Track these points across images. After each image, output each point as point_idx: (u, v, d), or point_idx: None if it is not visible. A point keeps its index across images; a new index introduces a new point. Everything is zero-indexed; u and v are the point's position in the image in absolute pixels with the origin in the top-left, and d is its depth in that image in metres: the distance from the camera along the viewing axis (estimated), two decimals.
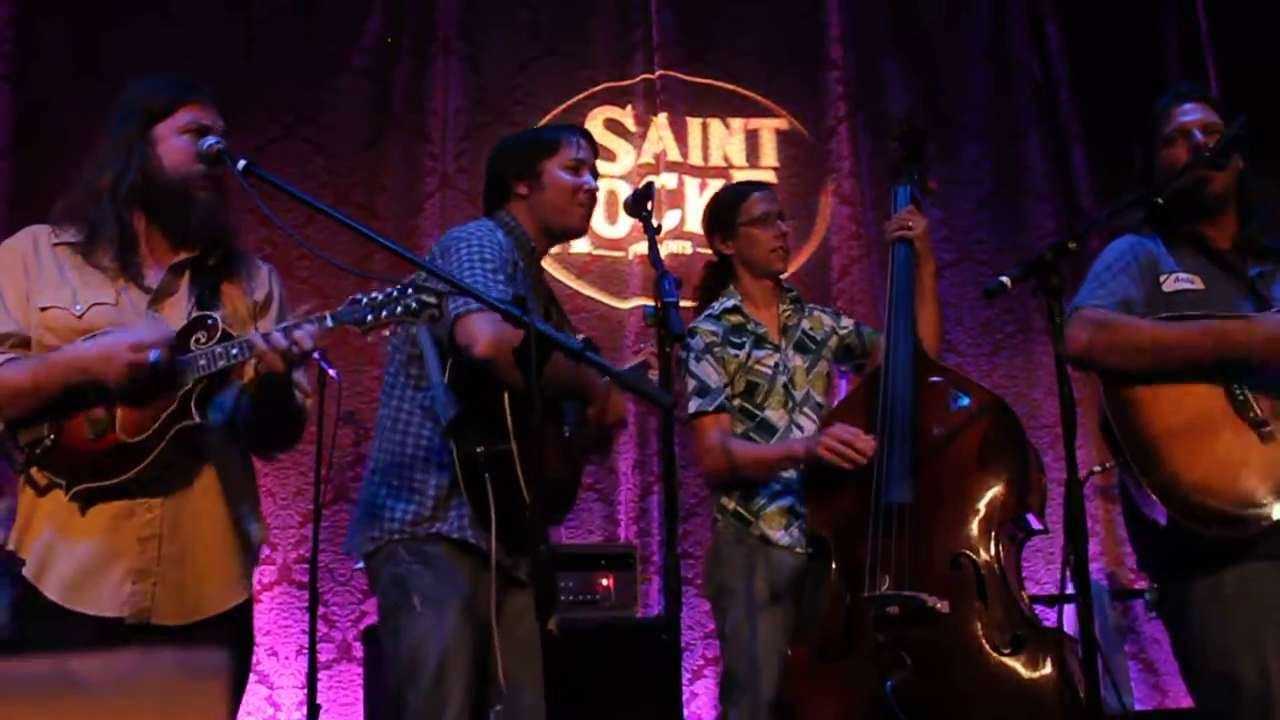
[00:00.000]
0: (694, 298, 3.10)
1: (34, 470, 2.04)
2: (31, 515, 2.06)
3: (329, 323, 1.97)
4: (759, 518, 2.79)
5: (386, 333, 1.98)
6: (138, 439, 2.00)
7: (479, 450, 2.25)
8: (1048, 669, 2.36)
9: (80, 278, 2.09)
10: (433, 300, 1.93)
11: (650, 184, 2.50)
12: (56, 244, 2.12)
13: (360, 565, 4.31)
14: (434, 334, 2.36)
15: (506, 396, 2.23)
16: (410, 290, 1.93)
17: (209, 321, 2.04)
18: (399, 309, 1.93)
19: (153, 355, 1.93)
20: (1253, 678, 2.19)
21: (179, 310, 2.13)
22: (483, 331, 2.20)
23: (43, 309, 2.06)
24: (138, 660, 0.50)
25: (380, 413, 2.50)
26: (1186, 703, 2.41)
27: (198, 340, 2.02)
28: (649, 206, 2.40)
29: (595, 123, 5.04)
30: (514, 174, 2.57)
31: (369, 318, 1.94)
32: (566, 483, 2.49)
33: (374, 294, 1.96)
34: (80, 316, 2.05)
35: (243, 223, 4.61)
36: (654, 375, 2.36)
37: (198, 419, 2.00)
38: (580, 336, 2.51)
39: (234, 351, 1.98)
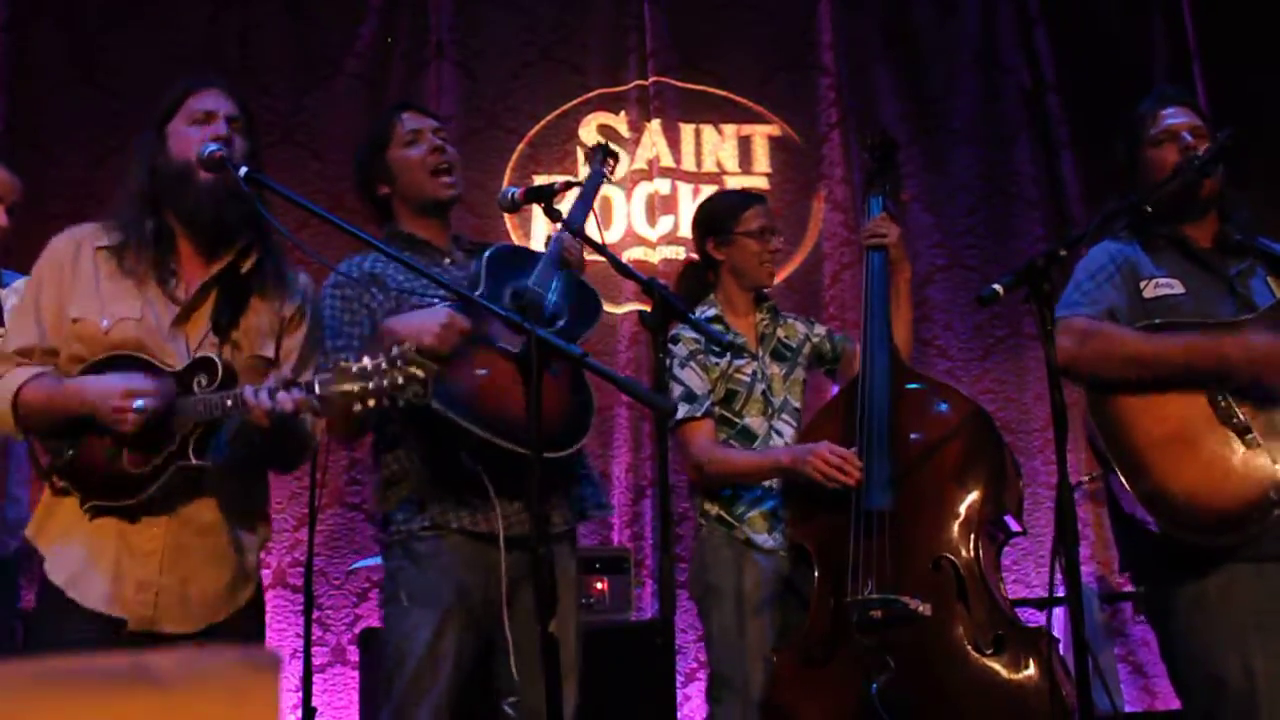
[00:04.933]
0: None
1: (55, 476, 2.14)
2: (52, 509, 2.16)
3: (316, 391, 1.97)
4: (743, 522, 2.81)
5: (371, 404, 1.93)
6: (141, 471, 2.08)
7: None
8: (1030, 668, 2.38)
9: (111, 289, 2.16)
10: (420, 375, 1.90)
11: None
12: (98, 247, 2.19)
13: (353, 568, 4.37)
14: None
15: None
16: (399, 361, 1.90)
17: (212, 364, 2.09)
18: (384, 382, 1.90)
19: (136, 404, 1.99)
20: (1238, 679, 2.21)
21: (200, 329, 2.20)
22: None
23: (75, 320, 2.15)
24: (205, 655, 0.52)
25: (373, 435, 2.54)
26: (1175, 705, 2.42)
27: (199, 383, 2.08)
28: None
29: (589, 128, 5.08)
30: (375, 179, 2.61)
31: (357, 401, 1.92)
32: (568, 411, 2.41)
33: (364, 364, 1.92)
34: (107, 333, 2.13)
35: None
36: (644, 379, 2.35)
37: (195, 461, 2.07)
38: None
39: (228, 403, 2.03)
